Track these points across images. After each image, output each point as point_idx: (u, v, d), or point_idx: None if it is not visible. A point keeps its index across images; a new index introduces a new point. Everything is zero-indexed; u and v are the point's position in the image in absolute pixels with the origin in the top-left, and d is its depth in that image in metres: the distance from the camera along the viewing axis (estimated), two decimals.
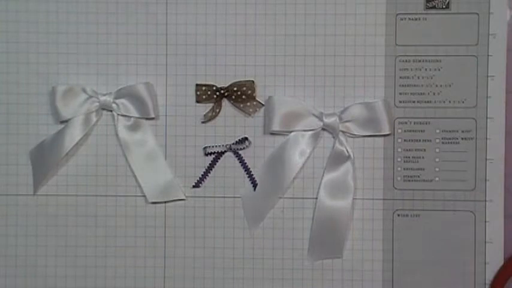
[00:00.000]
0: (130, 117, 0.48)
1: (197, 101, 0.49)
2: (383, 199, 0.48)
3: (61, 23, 0.49)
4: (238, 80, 0.48)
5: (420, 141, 0.48)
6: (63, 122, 0.48)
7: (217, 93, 0.48)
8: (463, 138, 0.48)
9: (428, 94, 0.48)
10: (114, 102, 0.48)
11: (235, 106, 0.48)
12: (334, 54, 0.48)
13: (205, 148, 0.49)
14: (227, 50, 0.48)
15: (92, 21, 0.49)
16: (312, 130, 0.48)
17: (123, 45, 0.49)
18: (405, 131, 0.48)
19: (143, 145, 0.49)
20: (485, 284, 0.48)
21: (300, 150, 0.48)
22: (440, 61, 0.48)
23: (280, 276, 0.49)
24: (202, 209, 0.49)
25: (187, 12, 0.49)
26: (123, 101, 0.48)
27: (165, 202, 0.49)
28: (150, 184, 0.49)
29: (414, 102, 0.48)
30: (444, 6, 0.48)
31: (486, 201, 0.48)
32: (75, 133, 0.48)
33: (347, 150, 0.47)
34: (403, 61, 0.48)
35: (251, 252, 0.49)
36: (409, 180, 0.48)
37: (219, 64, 0.49)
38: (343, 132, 0.47)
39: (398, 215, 0.48)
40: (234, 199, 0.49)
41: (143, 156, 0.49)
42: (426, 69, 0.48)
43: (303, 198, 0.49)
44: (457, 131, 0.48)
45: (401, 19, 0.48)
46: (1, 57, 0.49)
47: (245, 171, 0.49)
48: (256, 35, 0.48)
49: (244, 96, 0.48)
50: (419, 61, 0.48)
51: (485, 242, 0.48)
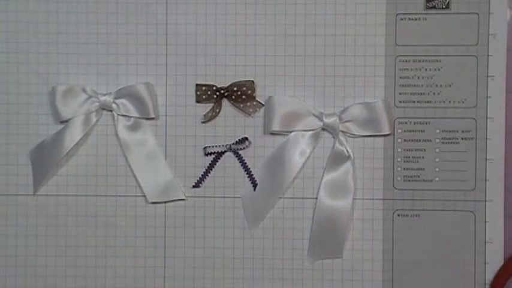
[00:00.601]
0: (131, 117, 0.48)
1: (197, 101, 0.49)
2: (383, 199, 0.48)
3: (61, 23, 0.49)
4: (238, 80, 0.48)
5: (420, 141, 0.48)
6: (63, 122, 0.48)
7: (217, 93, 0.48)
8: (463, 138, 0.48)
9: (428, 94, 0.48)
10: (114, 102, 0.48)
11: (235, 106, 0.48)
12: (334, 54, 0.48)
13: (205, 148, 0.49)
14: (227, 50, 0.48)
15: (92, 21, 0.49)
16: (312, 130, 0.48)
17: (123, 45, 0.49)
18: (405, 131, 0.48)
19: (143, 145, 0.49)
20: (485, 284, 0.48)
21: (300, 150, 0.48)
22: (440, 61, 0.48)
23: (280, 276, 0.49)
24: (202, 209, 0.49)
25: (187, 12, 0.49)
26: (123, 101, 0.48)
27: (165, 202, 0.49)
28: (150, 184, 0.49)
29: (414, 102, 0.48)
30: (444, 6, 0.48)
31: (486, 201, 0.48)
32: (75, 133, 0.48)
33: (347, 150, 0.47)
34: (403, 61, 0.48)
35: (251, 252, 0.49)
36: (409, 180, 0.48)
37: (219, 64, 0.49)
38: (343, 132, 0.47)
39: (398, 215, 0.48)
40: (234, 199, 0.49)
41: (143, 156, 0.49)
42: (426, 69, 0.48)
43: (303, 198, 0.49)
44: (457, 131, 0.48)
45: (401, 19, 0.48)
46: (1, 57, 0.49)
47: (245, 171, 0.49)
48: (256, 35, 0.48)
49: (244, 96, 0.48)
50: (419, 61, 0.48)
51: (485, 242, 0.48)
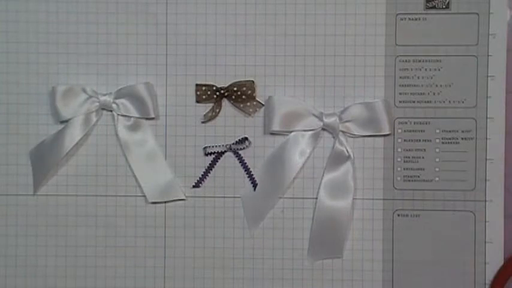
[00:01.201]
0: (131, 117, 0.48)
1: (197, 101, 0.49)
2: (383, 199, 0.48)
3: (61, 23, 0.49)
4: (238, 80, 0.48)
5: (420, 141, 0.48)
6: (63, 122, 0.48)
7: (217, 93, 0.48)
8: (463, 138, 0.48)
9: (428, 94, 0.48)
10: (114, 102, 0.48)
11: (235, 106, 0.48)
12: (334, 54, 0.48)
13: (205, 148, 0.49)
14: (227, 50, 0.48)
15: (92, 21, 0.49)
16: (312, 130, 0.48)
17: (123, 45, 0.49)
18: (405, 131, 0.48)
19: (143, 145, 0.49)
20: (485, 284, 0.48)
21: (300, 150, 0.48)
22: (440, 61, 0.48)
23: (280, 276, 0.49)
24: (202, 209, 0.49)
25: (187, 12, 0.49)
26: (123, 101, 0.48)
27: (165, 202, 0.49)
28: (150, 184, 0.49)
29: (414, 102, 0.48)
30: (444, 6, 0.48)
31: (486, 201, 0.48)
32: (75, 133, 0.48)
33: (347, 150, 0.47)
34: (403, 61, 0.48)
35: (251, 252, 0.49)
36: (409, 180, 0.48)
37: (219, 64, 0.49)
38: (343, 132, 0.47)
39: (399, 215, 0.48)
40: (234, 199, 0.49)
41: (143, 156, 0.49)
42: (426, 69, 0.48)
43: (303, 198, 0.49)
44: (457, 131, 0.48)
45: (401, 19, 0.48)
46: (1, 57, 0.49)
47: (245, 171, 0.49)
48: (256, 35, 0.48)
49: (244, 96, 0.48)
50: (419, 61, 0.48)
51: (485, 242, 0.48)
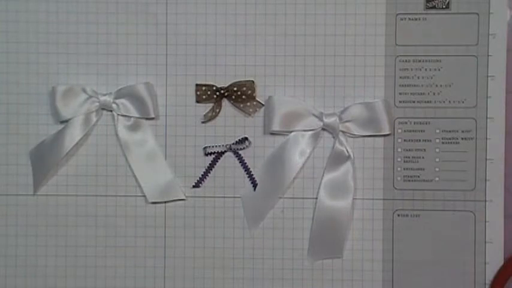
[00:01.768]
0: (131, 117, 0.48)
1: (197, 101, 0.49)
2: (383, 199, 0.48)
3: (61, 23, 0.49)
4: (238, 80, 0.48)
5: (420, 141, 0.48)
6: (63, 122, 0.48)
7: (217, 93, 0.48)
8: (463, 138, 0.48)
9: (428, 94, 0.48)
10: (114, 102, 0.48)
11: (235, 106, 0.48)
12: (334, 54, 0.48)
13: (205, 148, 0.49)
14: (227, 50, 0.48)
15: (92, 21, 0.49)
16: (312, 130, 0.48)
17: (123, 45, 0.49)
18: (405, 131, 0.48)
19: (143, 145, 0.49)
20: (485, 284, 0.48)
21: (300, 150, 0.48)
22: (440, 61, 0.48)
23: (280, 276, 0.49)
24: (202, 209, 0.49)
25: (187, 12, 0.49)
26: (123, 101, 0.48)
27: (165, 202, 0.49)
28: (150, 184, 0.49)
29: (414, 102, 0.48)
30: (444, 6, 0.48)
31: (486, 201, 0.48)
32: (75, 133, 0.48)
33: (347, 150, 0.47)
34: (403, 61, 0.48)
35: (251, 252, 0.49)
36: (409, 180, 0.48)
37: (219, 64, 0.49)
38: (343, 132, 0.47)
39: (399, 215, 0.48)
40: (234, 199, 0.49)
41: (143, 156, 0.49)
42: (426, 69, 0.48)
43: (303, 198, 0.49)
44: (457, 131, 0.48)
45: (401, 19, 0.48)
46: (1, 57, 0.49)
47: (245, 171, 0.49)
48: (256, 35, 0.48)
49: (244, 96, 0.48)
50: (419, 61, 0.48)
51: (485, 242, 0.48)
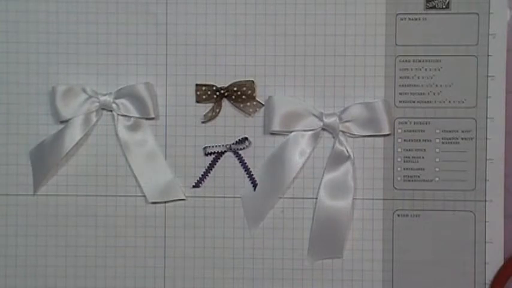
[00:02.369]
0: (131, 117, 0.48)
1: (197, 101, 0.49)
2: (383, 199, 0.48)
3: (61, 23, 0.49)
4: (238, 80, 0.48)
5: (420, 141, 0.48)
6: (63, 122, 0.48)
7: (217, 93, 0.48)
8: (463, 138, 0.48)
9: (428, 94, 0.48)
10: (114, 102, 0.48)
11: (235, 106, 0.48)
12: (334, 54, 0.48)
13: (205, 148, 0.49)
14: (227, 50, 0.48)
15: (92, 21, 0.49)
16: (312, 130, 0.48)
17: (123, 45, 0.49)
18: (405, 131, 0.48)
19: (143, 145, 0.49)
20: (485, 284, 0.48)
21: (300, 150, 0.48)
22: (440, 61, 0.48)
23: (280, 276, 0.49)
24: (202, 209, 0.49)
25: (187, 12, 0.49)
26: (123, 101, 0.48)
27: (165, 202, 0.49)
28: (150, 184, 0.49)
29: (414, 102, 0.48)
30: (444, 6, 0.48)
31: (486, 201, 0.48)
32: (75, 133, 0.48)
33: (347, 150, 0.47)
34: (403, 61, 0.48)
35: (251, 252, 0.49)
36: (409, 180, 0.48)
37: (219, 64, 0.49)
38: (343, 132, 0.47)
39: (398, 215, 0.48)
40: (234, 199, 0.49)
41: (143, 156, 0.49)
42: (426, 69, 0.48)
43: (303, 198, 0.49)
44: (457, 131, 0.48)
45: (401, 19, 0.48)
46: (1, 57, 0.49)
47: (245, 171, 0.49)
48: (256, 35, 0.48)
49: (244, 96, 0.48)
50: (419, 61, 0.48)
51: (485, 242, 0.48)
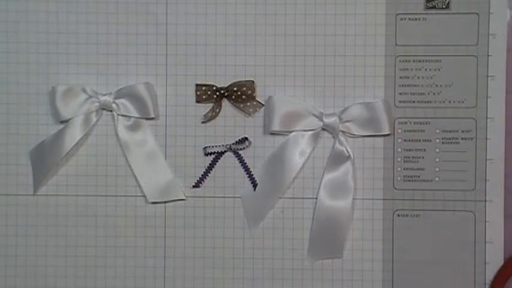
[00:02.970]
0: (131, 117, 0.48)
1: (197, 101, 0.49)
2: (383, 199, 0.48)
3: (61, 23, 0.49)
4: (238, 80, 0.48)
5: (420, 141, 0.48)
6: (63, 122, 0.48)
7: (217, 93, 0.48)
8: (463, 138, 0.48)
9: (428, 94, 0.48)
10: (114, 102, 0.48)
11: (235, 106, 0.48)
12: (334, 54, 0.48)
13: (205, 148, 0.49)
14: (227, 50, 0.48)
15: (92, 21, 0.49)
16: (312, 130, 0.48)
17: (123, 45, 0.49)
18: (405, 131, 0.48)
19: (143, 145, 0.49)
20: (485, 284, 0.48)
21: (300, 150, 0.48)
22: (440, 61, 0.48)
23: (280, 276, 0.49)
24: (202, 209, 0.49)
25: (187, 12, 0.49)
26: (123, 101, 0.48)
27: (165, 202, 0.49)
28: (150, 184, 0.49)
29: (414, 102, 0.48)
30: (444, 6, 0.48)
31: (486, 201, 0.48)
32: (75, 133, 0.48)
33: (347, 150, 0.47)
34: (403, 61, 0.48)
35: (251, 252, 0.49)
36: (409, 180, 0.48)
37: (219, 64, 0.49)
38: (343, 132, 0.47)
39: (398, 215, 0.48)
40: (234, 199, 0.49)
41: (143, 156, 0.49)
42: (426, 69, 0.48)
43: (303, 198, 0.49)
44: (457, 131, 0.48)
45: (401, 19, 0.48)
46: (1, 57, 0.49)
47: (245, 171, 0.49)
48: (256, 35, 0.48)
49: (244, 96, 0.48)
50: (419, 61, 0.48)
51: (485, 242, 0.48)
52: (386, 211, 0.49)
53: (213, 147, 0.49)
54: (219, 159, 0.49)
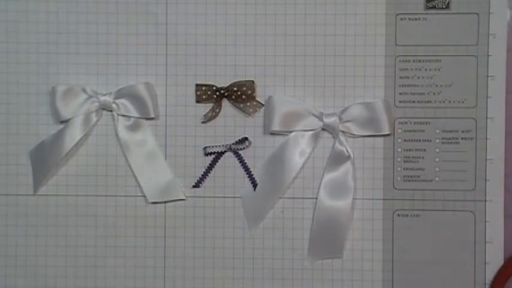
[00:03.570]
0: (131, 117, 0.48)
1: (197, 101, 0.49)
2: (383, 199, 0.48)
3: (61, 23, 0.49)
4: (238, 80, 0.48)
5: (420, 141, 0.48)
6: (63, 122, 0.48)
7: (217, 93, 0.48)
8: (463, 138, 0.48)
9: (428, 94, 0.48)
10: (114, 102, 0.48)
11: (235, 106, 0.48)
12: (334, 54, 0.48)
13: (205, 148, 0.49)
14: (227, 50, 0.48)
15: (92, 21, 0.49)
16: (312, 130, 0.48)
17: (123, 45, 0.49)
18: (405, 131, 0.48)
19: (143, 145, 0.49)
20: (485, 284, 0.48)
21: (300, 150, 0.48)
22: (440, 61, 0.48)
23: (280, 276, 0.49)
24: (202, 209, 0.49)
25: (187, 12, 0.49)
26: (123, 101, 0.48)
27: (165, 202, 0.49)
28: (150, 184, 0.49)
29: (414, 102, 0.48)
30: (444, 6, 0.48)
31: (486, 201, 0.48)
32: (75, 133, 0.48)
33: (347, 150, 0.47)
34: (403, 61, 0.48)
35: (251, 252, 0.49)
36: (409, 180, 0.48)
37: (219, 64, 0.49)
38: (343, 132, 0.47)
39: (398, 215, 0.48)
40: (234, 199, 0.49)
41: (143, 156, 0.49)
42: (426, 69, 0.48)
43: (303, 198, 0.49)
44: (457, 131, 0.48)
45: (401, 19, 0.48)
46: (1, 57, 0.49)
47: (245, 171, 0.49)
48: (256, 35, 0.48)
49: (244, 96, 0.48)
50: (419, 61, 0.48)
51: (485, 242, 0.48)
52: (386, 211, 0.49)
53: (213, 147, 0.49)
54: (219, 159, 0.49)
